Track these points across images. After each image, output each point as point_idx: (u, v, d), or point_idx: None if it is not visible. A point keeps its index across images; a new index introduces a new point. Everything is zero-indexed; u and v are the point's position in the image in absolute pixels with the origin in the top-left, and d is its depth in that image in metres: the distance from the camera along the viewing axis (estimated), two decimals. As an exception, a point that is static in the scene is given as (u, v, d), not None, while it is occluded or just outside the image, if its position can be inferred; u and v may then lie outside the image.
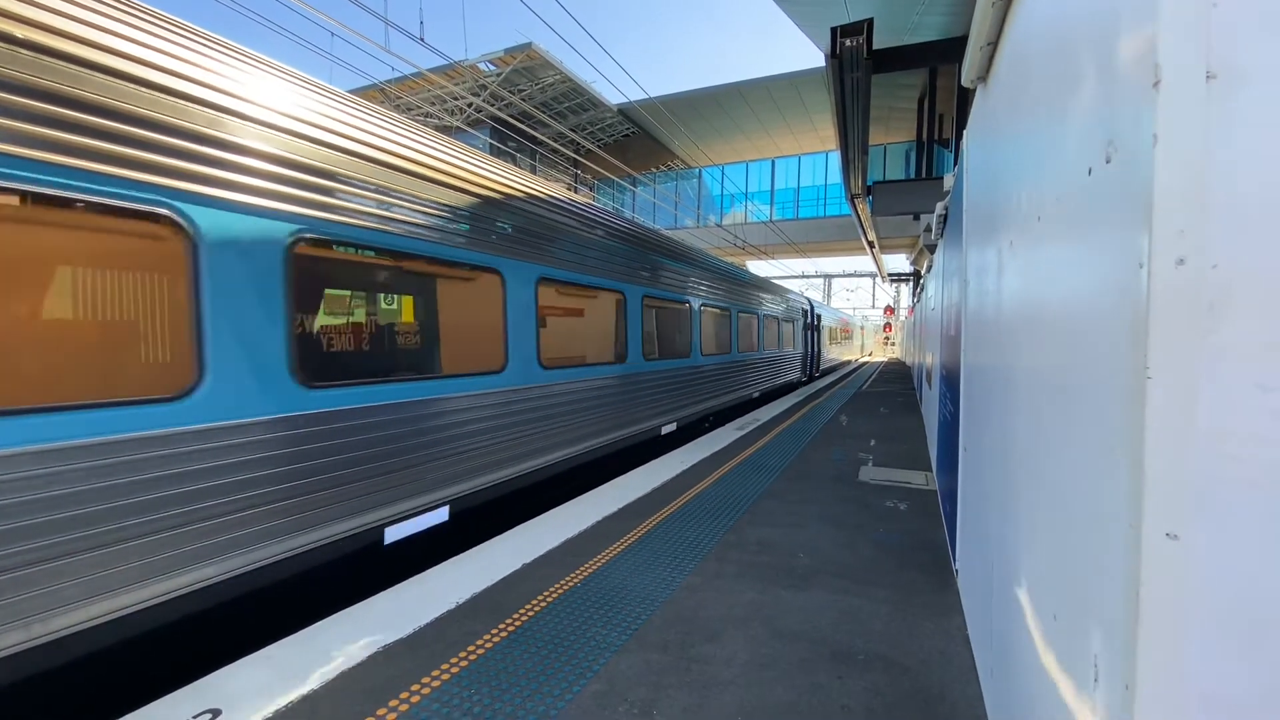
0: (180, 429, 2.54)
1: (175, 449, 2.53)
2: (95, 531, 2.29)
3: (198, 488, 2.61)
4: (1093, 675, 0.94)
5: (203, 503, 2.63)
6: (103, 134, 2.33)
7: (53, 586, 2.18)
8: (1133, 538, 0.77)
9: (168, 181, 2.52)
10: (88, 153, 2.28)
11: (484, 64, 23.21)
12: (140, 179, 2.43)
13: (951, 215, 4.37)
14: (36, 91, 2.15)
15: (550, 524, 4.21)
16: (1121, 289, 0.82)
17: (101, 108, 2.33)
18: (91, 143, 2.29)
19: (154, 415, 2.47)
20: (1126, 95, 0.83)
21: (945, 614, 2.87)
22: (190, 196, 2.59)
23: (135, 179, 2.41)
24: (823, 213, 31.39)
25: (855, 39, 7.03)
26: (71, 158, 2.24)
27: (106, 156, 2.33)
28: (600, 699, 2.21)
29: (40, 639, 2.16)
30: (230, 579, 2.72)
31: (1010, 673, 1.63)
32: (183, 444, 2.55)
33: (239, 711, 2.12)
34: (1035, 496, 1.38)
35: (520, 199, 4.80)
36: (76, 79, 2.26)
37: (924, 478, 5.61)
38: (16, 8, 2.13)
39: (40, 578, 2.15)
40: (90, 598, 2.28)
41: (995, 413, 2.02)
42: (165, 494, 2.50)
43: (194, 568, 2.58)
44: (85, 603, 2.27)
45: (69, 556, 2.22)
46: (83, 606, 2.26)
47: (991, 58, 2.13)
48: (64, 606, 2.21)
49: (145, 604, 2.44)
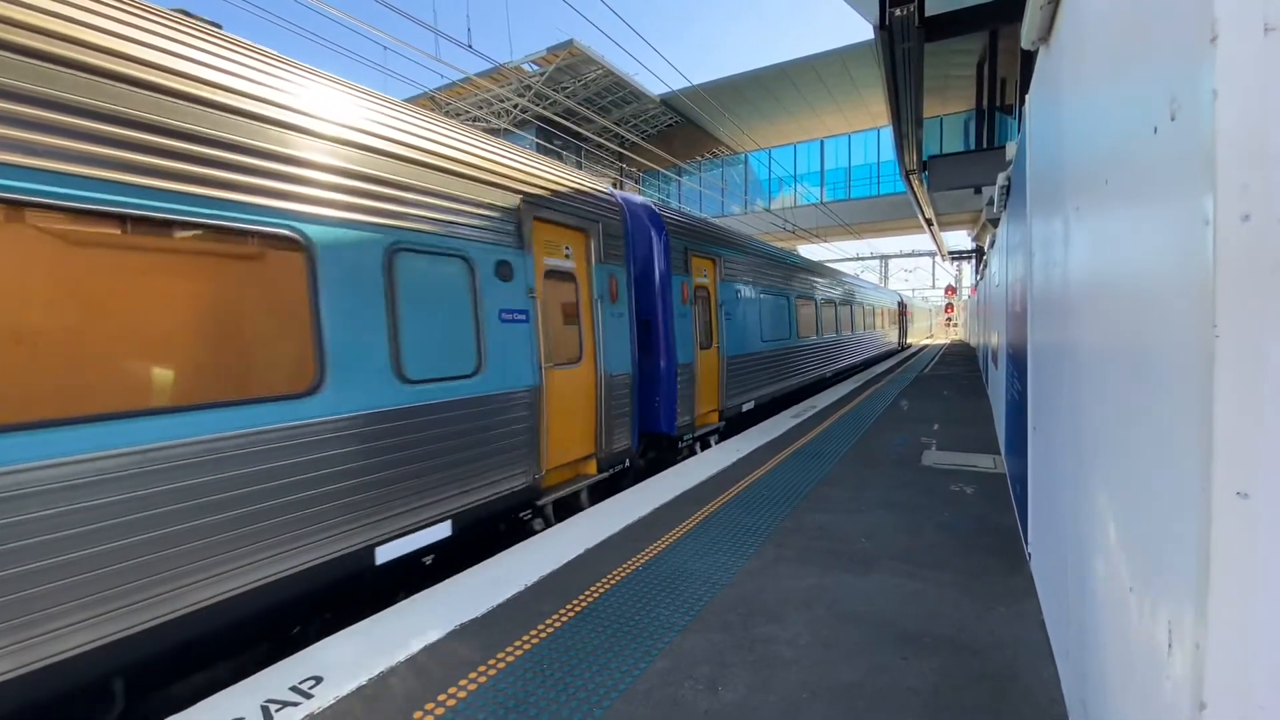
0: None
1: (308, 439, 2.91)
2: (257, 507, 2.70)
3: (325, 473, 2.96)
4: (1166, 643, 0.93)
5: (328, 485, 2.98)
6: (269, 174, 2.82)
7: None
8: (1204, 499, 0.76)
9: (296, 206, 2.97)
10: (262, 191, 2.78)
11: (528, 64, 23.60)
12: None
13: (1015, 185, 4.16)
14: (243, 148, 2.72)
15: (611, 511, 4.33)
16: (1188, 248, 0.81)
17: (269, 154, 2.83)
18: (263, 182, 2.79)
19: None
20: (1186, 51, 0.82)
21: (1017, 598, 2.79)
22: (306, 217, 3.00)
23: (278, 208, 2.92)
24: (876, 191, 30.24)
25: (905, 7, 6.76)
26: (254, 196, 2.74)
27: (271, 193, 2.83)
28: (667, 675, 2.30)
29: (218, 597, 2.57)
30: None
31: (1085, 651, 1.60)
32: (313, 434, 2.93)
33: (337, 679, 2.33)
34: (1108, 470, 1.34)
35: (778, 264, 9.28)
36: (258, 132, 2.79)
37: (991, 461, 5.39)
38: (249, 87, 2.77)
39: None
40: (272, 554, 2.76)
41: (1064, 389, 1.96)
42: (300, 478, 2.86)
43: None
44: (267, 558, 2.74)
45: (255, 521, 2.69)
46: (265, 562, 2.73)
47: (1053, 17, 2.04)
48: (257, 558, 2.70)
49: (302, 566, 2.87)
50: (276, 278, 2.85)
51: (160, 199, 2.41)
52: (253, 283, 2.77)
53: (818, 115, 28.85)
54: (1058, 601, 2.19)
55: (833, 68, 24.46)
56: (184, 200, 2.48)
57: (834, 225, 29.44)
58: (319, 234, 2.98)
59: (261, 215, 2.74)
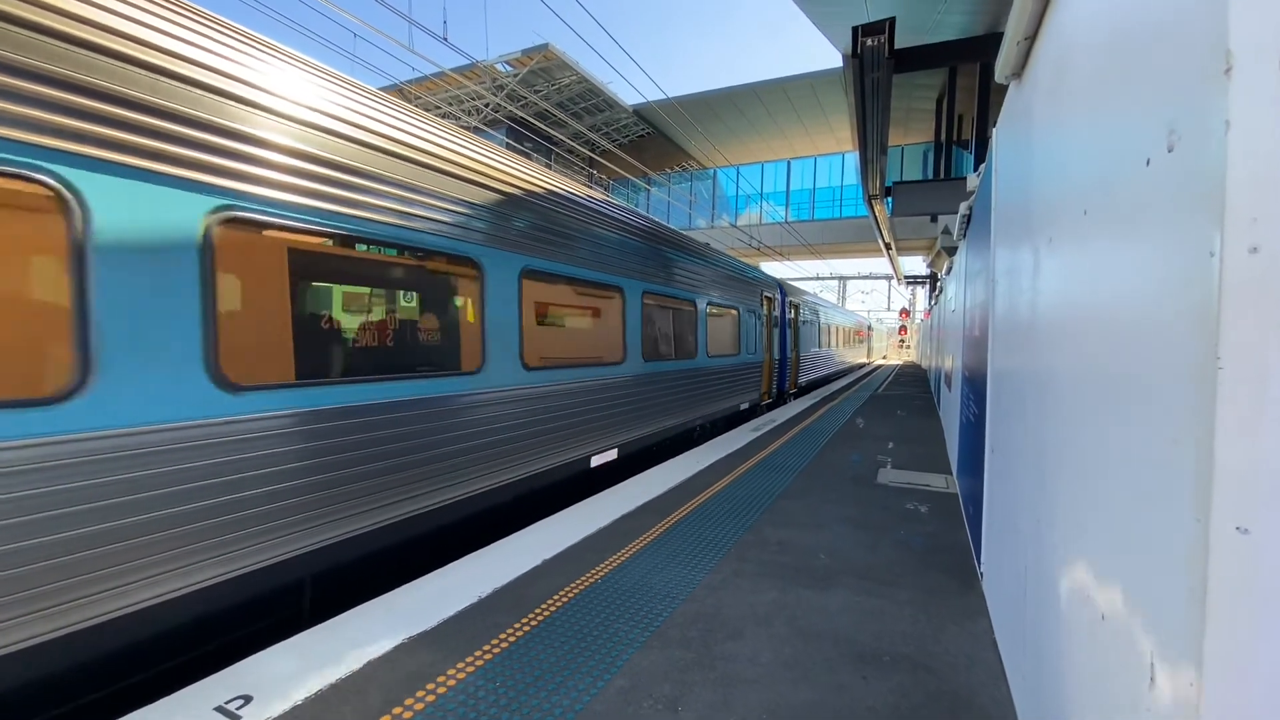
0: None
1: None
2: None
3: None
4: (1148, 676, 0.92)
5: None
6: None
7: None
8: (1199, 532, 0.75)
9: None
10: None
11: (501, 65, 23.35)
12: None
13: (976, 215, 4.32)
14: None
15: (569, 520, 4.22)
16: (1188, 279, 0.81)
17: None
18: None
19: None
20: (1192, 83, 0.82)
21: (971, 616, 2.84)
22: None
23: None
24: (839, 214, 31.17)
25: (877, 38, 6.98)
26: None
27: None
28: (626, 694, 2.22)
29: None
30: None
31: (1046, 675, 1.61)
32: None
33: (268, 698, 2.15)
34: (1077, 496, 1.35)
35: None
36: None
37: (944, 480, 5.55)
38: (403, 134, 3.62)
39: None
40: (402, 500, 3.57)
41: (1029, 413, 2.00)
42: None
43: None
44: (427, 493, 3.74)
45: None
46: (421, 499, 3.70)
47: (1028, 52, 2.10)
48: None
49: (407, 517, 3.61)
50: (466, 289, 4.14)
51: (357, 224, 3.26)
52: (464, 293, 4.04)
53: (786, 137, 29.62)
54: (1012, 622, 2.23)
55: (802, 92, 25.18)
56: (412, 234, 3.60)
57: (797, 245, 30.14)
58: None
59: (455, 243, 3.88)
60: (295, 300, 3.05)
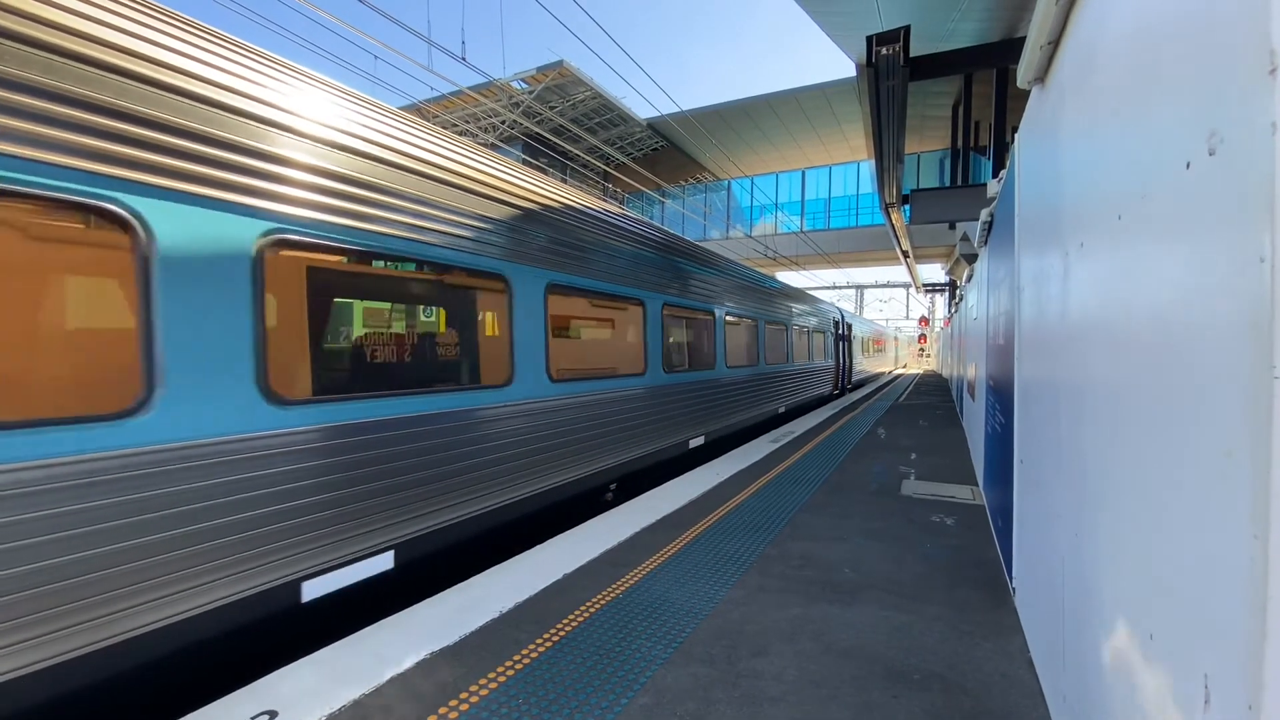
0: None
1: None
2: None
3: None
4: (1203, 697, 0.88)
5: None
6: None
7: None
8: (1258, 548, 0.72)
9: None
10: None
11: (517, 82, 23.77)
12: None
13: (998, 221, 4.25)
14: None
15: (589, 534, 4.20)
16: (1235, 285, 0.78)
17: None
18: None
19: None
20: (1234, 84, 0.80)
21: (1003, 634, 2.75)
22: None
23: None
24: (854, 222, 31.02)
25: (892, 46, 6.97)
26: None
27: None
28: (649, 712, 2.18)
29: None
30: None
31: (1091, 697, 1.55)
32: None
33: (293, 714, 2.16)
34: (1120, 510, 1.31)
35: None
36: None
37: (970, 492, 5.43)
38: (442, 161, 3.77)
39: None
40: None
41: (1063, 424, 1.94)
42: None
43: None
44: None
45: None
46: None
47: (1052, 57, 2.08)
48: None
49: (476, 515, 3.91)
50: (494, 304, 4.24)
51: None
52: (496, 308, 4.18)
53: (800, 146, 29.62)
54: (1049, 640, 2.16)
55: (815, 101, 25.20)
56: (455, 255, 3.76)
57: (813, 254, 30.01)
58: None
59: (481, 259, 3.93)
60: (336, 317, 3.15)
